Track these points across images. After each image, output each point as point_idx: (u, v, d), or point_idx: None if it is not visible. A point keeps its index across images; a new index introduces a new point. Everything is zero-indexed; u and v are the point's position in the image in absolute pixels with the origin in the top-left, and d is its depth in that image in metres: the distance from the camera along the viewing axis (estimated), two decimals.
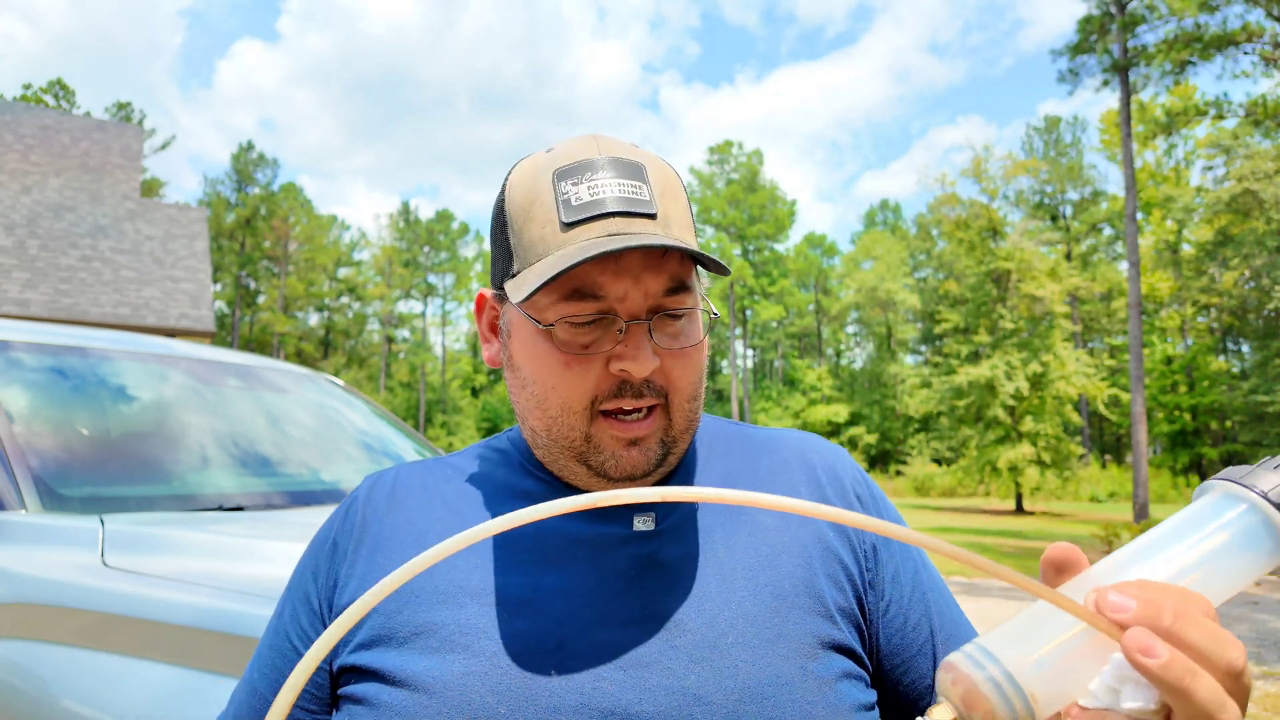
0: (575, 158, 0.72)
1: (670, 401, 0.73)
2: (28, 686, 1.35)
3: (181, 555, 1.48)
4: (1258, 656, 6.17)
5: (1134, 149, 18.64)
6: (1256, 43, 16.53)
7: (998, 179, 25.87)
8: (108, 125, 15.81)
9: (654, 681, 0.65)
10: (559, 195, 0.70)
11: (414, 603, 0.70)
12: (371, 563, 0.75)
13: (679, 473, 0.80)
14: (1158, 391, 36.67)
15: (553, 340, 0.71)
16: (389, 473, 0.84)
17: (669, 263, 0.71)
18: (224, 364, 2.72)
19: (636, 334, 0.70)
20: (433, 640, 0.68)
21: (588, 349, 0.71)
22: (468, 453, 0.87)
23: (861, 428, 44.25)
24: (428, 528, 0.76)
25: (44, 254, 11.72)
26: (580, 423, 0.72)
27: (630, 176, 0.71)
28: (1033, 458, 22.72)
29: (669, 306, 0.72)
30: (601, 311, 0.70)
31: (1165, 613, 0.41)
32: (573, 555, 0.72)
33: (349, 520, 0.80)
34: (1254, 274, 29.97)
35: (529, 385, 0.74)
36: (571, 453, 0.73)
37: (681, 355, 0.73)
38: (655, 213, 0.70)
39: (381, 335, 53.70)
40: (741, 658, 0.66)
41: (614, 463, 0.72)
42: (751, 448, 0.84)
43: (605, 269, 0.69)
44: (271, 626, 0.80)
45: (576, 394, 0.71)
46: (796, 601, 0.70)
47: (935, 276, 44.50)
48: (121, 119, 45.26)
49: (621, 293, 0.70)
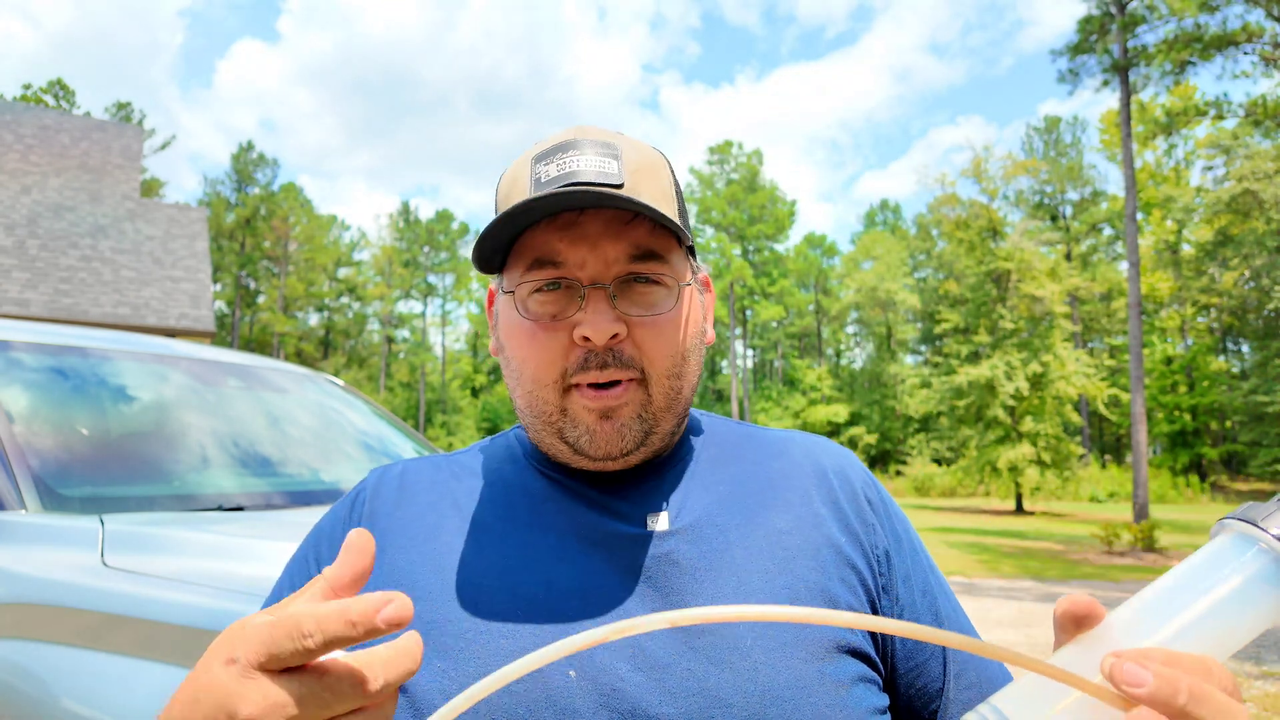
0: (553, 142, 0.74)
1: (647, 375, 0.72)
2: (28, 686, 1.35)
3: (181, 555, 1.48)
4: (1257, 657, 6.17)
5: (1134, 149, 18.64)
6: (1256, 43, 16.53)
7: (997, 179, 25.87)
8: (108, 125, 15.81)
9: (673, 683, 0.64)
10: (533, 176, 0.72)
11: (426, 600, 0.70)
12: (380, 557, 0.74)
13: (686, 474, 0.79)
14: (1158, 391, 36.68)
15: (522, 311, 0.72)
16: (395, 467, 0.84)
17: (633, 230, 0.71)
18: (224, 364, 2.72)
19: (595, 298, 0.70)
20: (446, 638, 0.67)
21: (555, 319, 0.71)
22: (473, 450, 0.86)
23: (861, 428, 44.23)
24: (437, 524, 0.76)
25: (44, 254, 11.72)
26: (553, 395, 0.72)
27: (601, 154, 0.72)
28: (1033, 458, 22.72)
29: (637, 273, 0.72)
30: (560, 277, 0.70)
31: (1180, 693, 0.40)
32: (587, 554, 0.72)
33: (355, 512, 0.79)
34: (1254, 274, 29.96)
35: (511, 363, 0.75)
36: (551, 429, 0.73)
37: (652, 325, 0.72)
38: (621, 184, 0.70)
39: (381, 335, 53.69)
40: (761, 660, 0.66)
41: (589, 438, 0.72)
42: (761, 450, 0.84)
43: (563, 237, 0.70)
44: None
45: (545, 363, 0.71)
46: (811, 605, 0.70)
47: (935, 276, 44.48)
48: (121, 119, 45.25)
49: (580, 259, 0.70)
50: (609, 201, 0.67)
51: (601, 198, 0.66)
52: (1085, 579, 10.38)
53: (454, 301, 55.94)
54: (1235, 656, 6.11)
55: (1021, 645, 6.45)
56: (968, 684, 0.78)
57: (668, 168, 0.78)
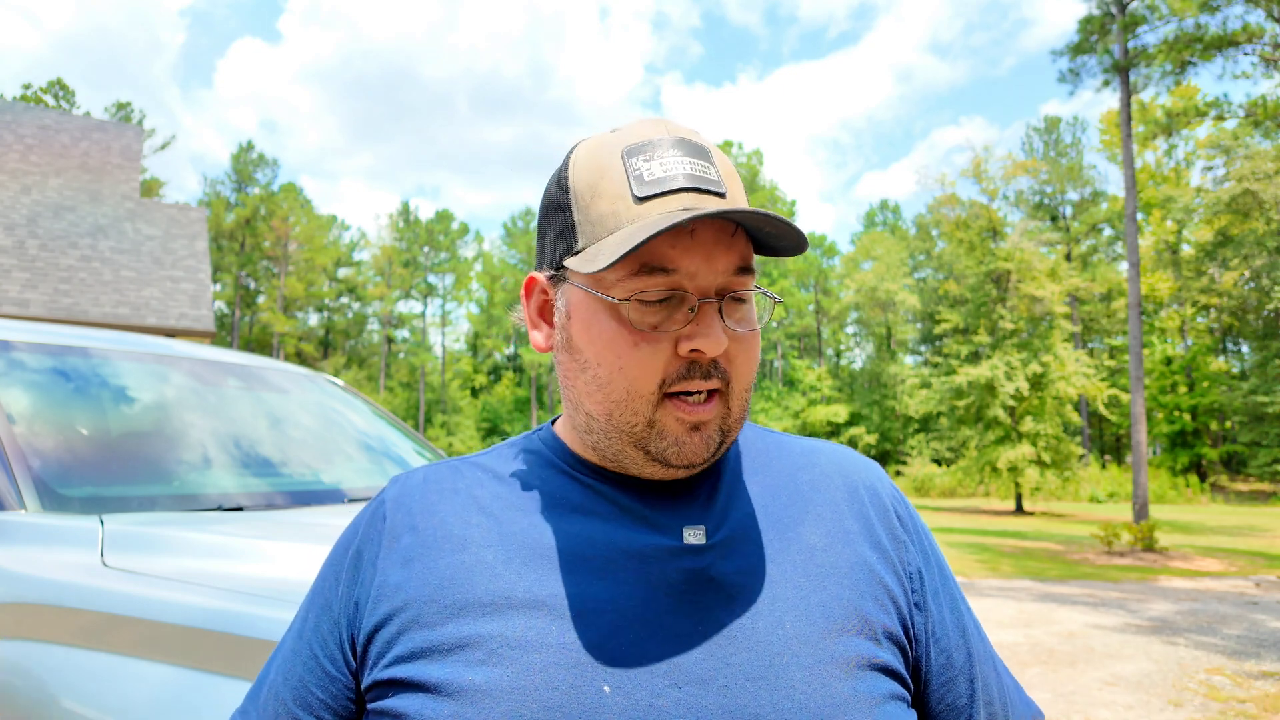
0: (643, 136, 0.72)
1: (730, 389, 0.71)
2: (27, 687, 1.35)
3: (181, 555, 1.48)
4: (1257, 656, 6.17)
5: (1134, 149, 18.62)
6: (1256, 43, 16.53)
7: (998, 179, 25.87)
8: (107, 125, 15.80)
9: (710, 699, 0.63)
10: (630, 170, 0.69)
11: (459, 615, 0.67)
12: (407, 571, 0.71)
13: (721, 485, 0.78)
14: (1158, 392, 36.68)
15: (621, 318, 0.69)
16: (416, 474, 0.81)
17: (738, 242, 0.70)
18: (224, 364, 2.72)
19: (708, 312, 0.68)
20: (478, 653, 0.65)
21: (657, 329, 0.68)
22: (496, 454, 0.83)
23: (861, 428, 44.23)
24: (465, 534, 0.73)
25: (44, 254, 11.72)
26: (646, 406, 0.69)
27: (699, 157, 0.71)
28: (1033, 458, 22.73)
29: (736, 287, 0.71)
30: (673, 287, 0.68)
31: None
32: (621, 567, 0.70)
33: (375, 524, 0.77)
34: (1254, 274, 29.96)
35: (590, 368, 0.71)
36: (631, 438, 0.71)
37: (746, 340, 0.72)
38: (724, 192, 0.70)
39: (381, 335, 53.70)
40: (798, 678, 0.65)
41: (676, 449, 0.70)
42: (790, 460, 0.83)
43: (678, 244, 0.67)
44: (295, 628, 0.78)
45: (645, 374, 0.68)
46: (845, 623, 0.69)
47: (935, 277, 44.49)
48: (121, 119, 45.24)
49: (693, 269, 0.68)
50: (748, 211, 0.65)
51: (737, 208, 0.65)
52: (1085, 579, 10.38)
53: (454, 301, 55.96)
54: (1235, 656, 6.12)
55: (1021, 645, 6.45)
56: (988, 699, 0.80)
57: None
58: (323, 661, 0.73)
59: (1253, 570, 11.42)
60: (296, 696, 0.73)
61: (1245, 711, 4.83)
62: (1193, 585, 9.94)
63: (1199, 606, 8.35)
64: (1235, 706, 4.91)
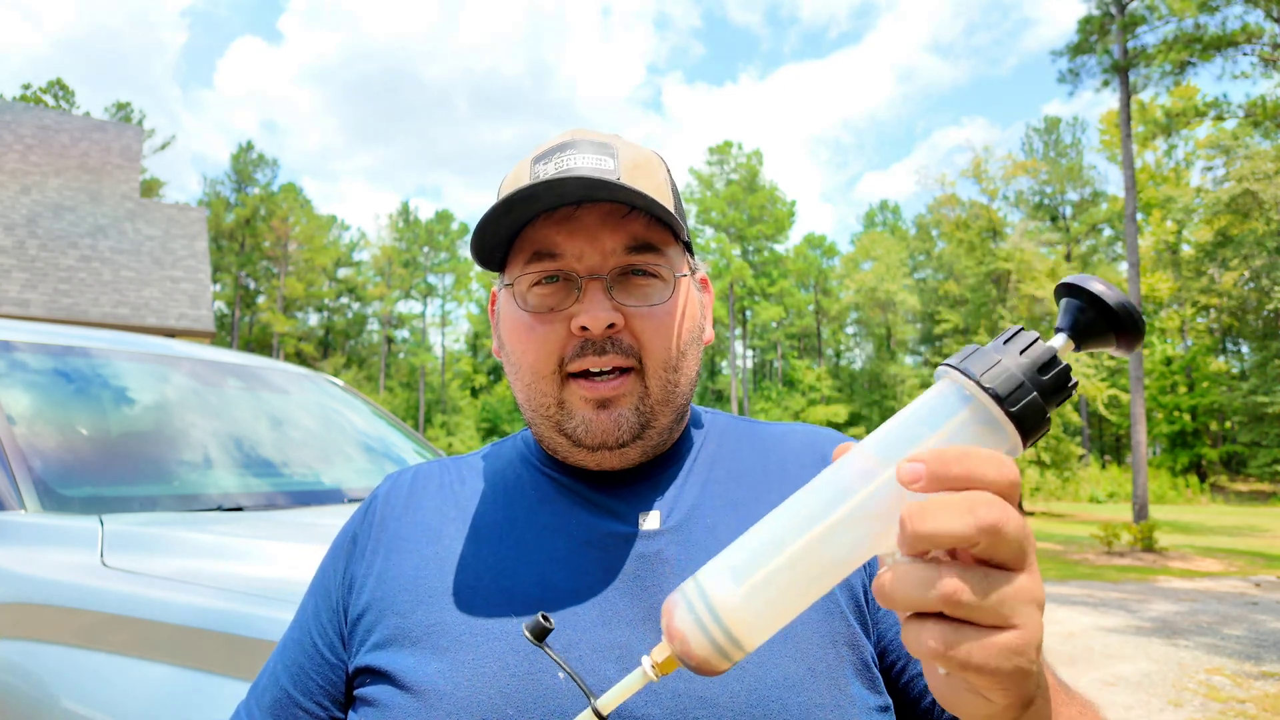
0: (551, 144, 0.76)
1: (645, 366, 0.73)
2: (27, 686, 1.35)
3: (181, 555, 1.48)
4: (1257, 656, 6.16)
5: (1134, 150, 18.63)
6: (1256, 44, 16.53)
7: (998, 179, 25.89)
8: (107, 125, 15.80)
9: (659, 684, 0.64)
10: (532, 176, 0.73)
11: (427, 602, 0.71)
12: (387, 561, 0.76)
13: (682, 472, 0.79)
14: (1157, 392, 36.68)
15: (520, 304, 0.74)
16: (408, 472, 0.86)
17: (630, 223, 0.73)
18: (224, 364, 2.72)
19: (592, 289, 0.72)
20: (443, 640, 0.68)
21: (553, 311, 0.73)
22: (483, 453, 0.88)
23: (861, 428, 44.21)
24: (440, 528, 0.77)
25: (43, 254, 11.72)
26: (551, 387, 0.73)
27: (598, 153, 0.74)
28: (1032, 458, 22.72)
29: (635, 264, 0.73)
30: (558, 270, 0.72)
31: (950, 463, 0.41)
32: (581, 555, 0.72)
33: (368, 518, 0.81)
34: (1254, 275, 29.95)
35: (511, 359, 0.76)
36: (551, 423, 0.75)
37: (649, 315, 0.73)
38: (618, 179, 0.72)
39: (381, 335, 53.68)
40: (749, 659, 0.65)
41: (585, 428, 0.73)
42: (760, 442, 0.84)
43: (561, 229, 0.72)
44: (296, 619, 0.81)
45: (543, 355, 0.73)
46: None
47: (935, 277, 44.46)
48: (121, 119, 45.25)
49: (577, 251, 0.72)
50: (604, 192, 0.68)
51: (596, 188, 0.68)
52: (1084, 579, 10.37)
53: (454, 302, 55.95)
54: (1235, 656, 6.12)
55: None
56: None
57: (664, 167, 0.79)
58: (321, 649, 0.76)
59: (1252, 570, 11.41)
60: (297, 683, 0.76)
61: (1245, 712, 4.83)
62: (1192, 585, 9.94)
63: (1199, 607, 8.35)
64: (1235, 707, 4.91)
